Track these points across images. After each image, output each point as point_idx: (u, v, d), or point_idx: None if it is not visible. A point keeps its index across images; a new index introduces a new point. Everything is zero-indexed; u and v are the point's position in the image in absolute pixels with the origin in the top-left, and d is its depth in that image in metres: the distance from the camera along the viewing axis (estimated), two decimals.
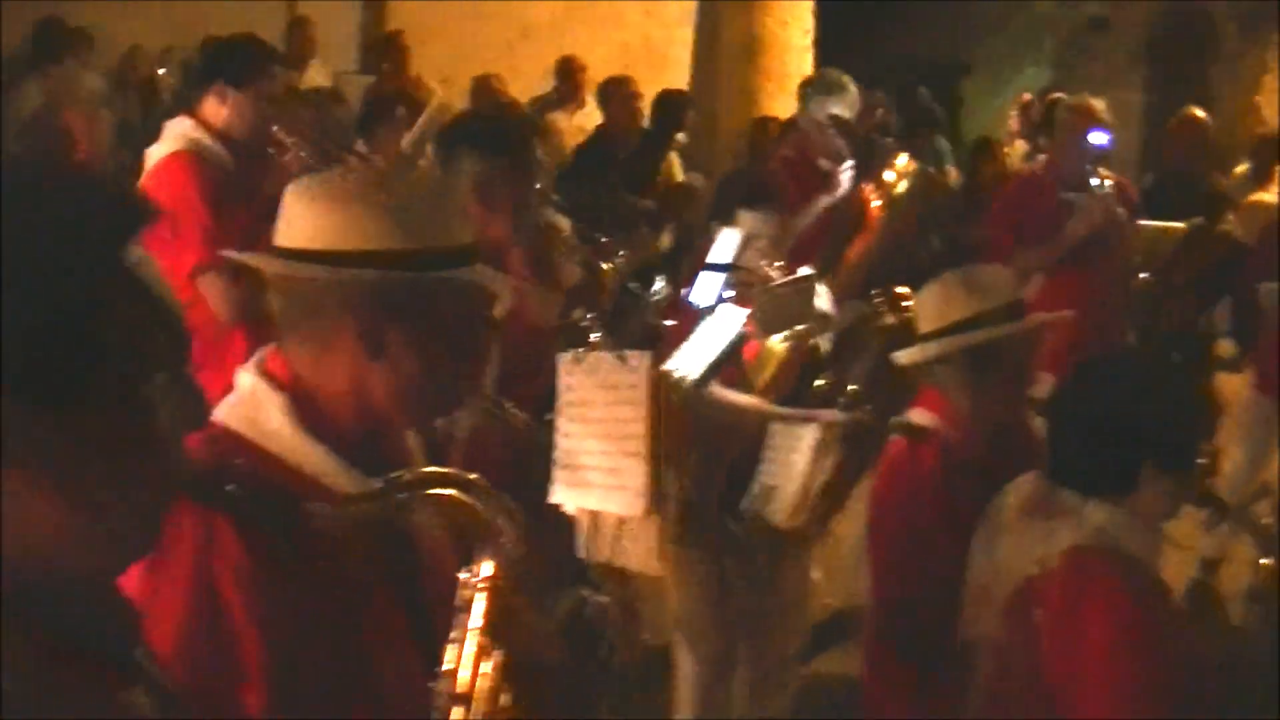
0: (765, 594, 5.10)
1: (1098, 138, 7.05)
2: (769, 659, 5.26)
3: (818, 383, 4.97)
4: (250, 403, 2.18)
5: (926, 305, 4.00)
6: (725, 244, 5.13)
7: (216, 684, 1.96)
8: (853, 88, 7.25)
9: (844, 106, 7.01)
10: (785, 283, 4.81)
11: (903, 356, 4.03)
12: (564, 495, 2.74)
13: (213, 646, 1.98)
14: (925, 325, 3.98)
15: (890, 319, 5.21)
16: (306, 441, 2.14)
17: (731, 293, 4.81)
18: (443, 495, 2.01)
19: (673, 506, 2.90)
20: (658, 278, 5.11)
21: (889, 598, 3.90)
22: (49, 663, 1.41)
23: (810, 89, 7.41)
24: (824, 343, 5.03)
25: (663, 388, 2.83)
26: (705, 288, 4.99)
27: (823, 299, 4.90)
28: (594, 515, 2.68)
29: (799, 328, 4.85)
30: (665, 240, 7.43)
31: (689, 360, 4.59)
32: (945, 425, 3.87)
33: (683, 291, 4.98)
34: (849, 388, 4.94)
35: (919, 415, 3.95)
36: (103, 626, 1.51)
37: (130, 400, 1.44)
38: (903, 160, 5.64)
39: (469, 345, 2.28)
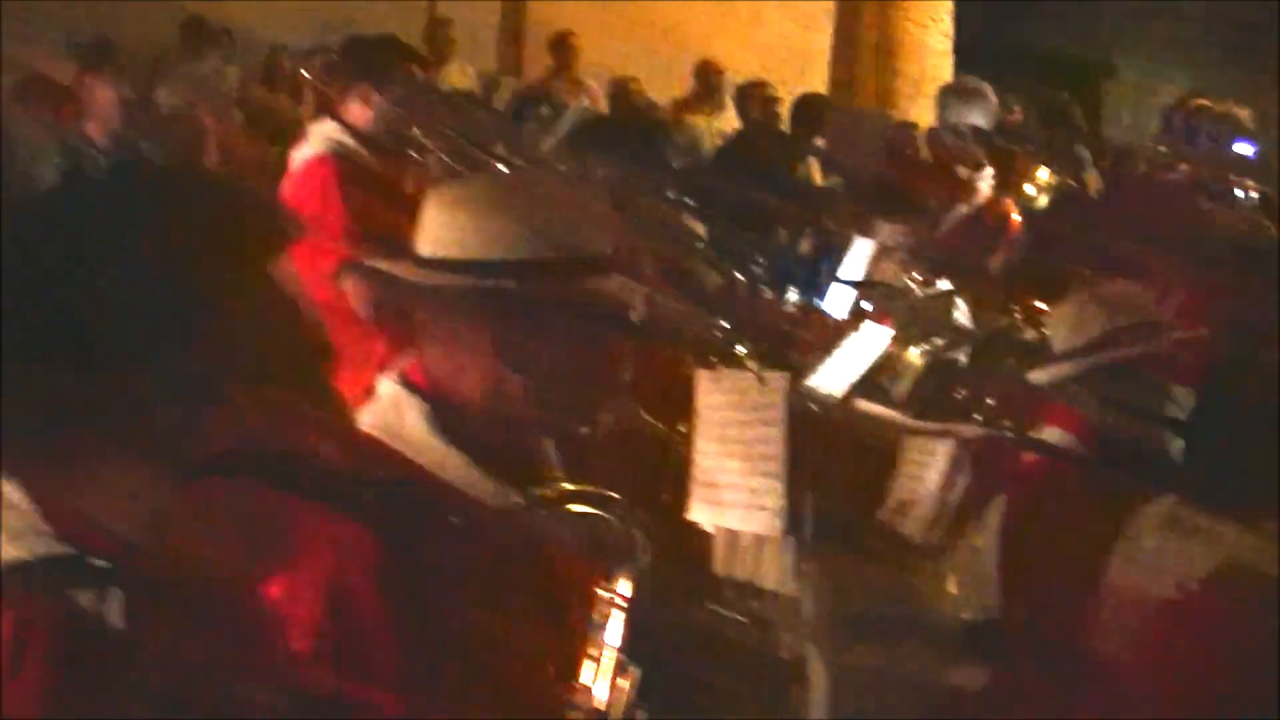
0: (899, 605, 5.09)
1: (1243, 148, 6.93)
2: (902, 671, 5.24)
3: (956, 396, 4.95)
4: (391, 410, 2.22)
5: (1062, 323, 3.98)
6: (859, 255, 5.13)
7: (351, 687, 2.00)
8: (992, 96, 7.19)
9: (983, 115, 6.96)
10: (925, 296, 4.80)
11: (1038, 376, 4.02)
12: (702, 513, 2.76)
13: (348, 650, 2.01)
14: (1061, 344, 3.96)
15: (1029, 334, 5.19)
16: (446, 448, 2.17)
17: (867, 305, 4.81)
18: (580, 511, 2.04)
19: (809, 525, 2.90)
20: (791, 285, 5.11)
21: (1027, 615, 3.87)
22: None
23: (949, 96, 7.37)
24: (962, 356, 4.99)
25: (801, 408, 2.84)
26: (839, 299, 5.00)
27: (961, 312, 4.87)
28: (731, 534, 2.70)
29: (937, 340, 4.84)
30: (804, 245, 7.40)
31: (832, 376, 4.59)
32: (1078, 441, 3.84)
33: (817, 301, 4.98)
34: (986, 402, 4.93)
35: (1052, 433, 3.94)
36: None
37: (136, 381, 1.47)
38: (1044, 174, 5.58)
39: (606, 354, 2.30)
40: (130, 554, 1.45)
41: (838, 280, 5.11)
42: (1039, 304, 5.33)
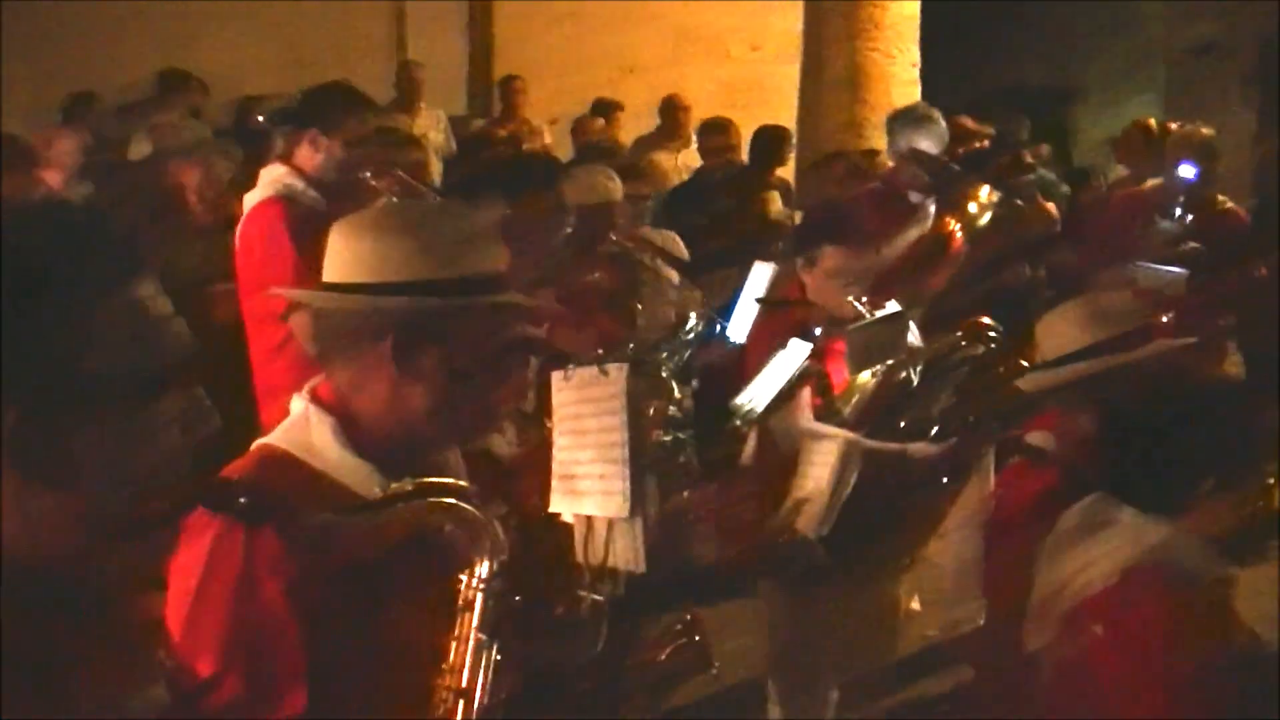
0: (853, 624, 5.15)
1: (1186, 170, 7.03)
2: (862, 690, 5.30)
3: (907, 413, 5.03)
4: (301, 425, 2.36)
5: (1053, 331, 4.03)
6: (759, 278, 5.22)
7: (260, 682, 2.11)
8: (941, 121, 7.26)
9: (931, 140, 7.03)
10: (877, 319, 4.86)
11: (1027, 383, 4.08)
12: (560, 504, 2.89)
13: (257, 646, 2.14)
14: (1051, 351, 4.02)
15: (976, 349, 5.25)
16: (352, 459, 2.31)
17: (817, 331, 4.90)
18: (442, 503, 2.15)
19: (653, 506, 3.02)
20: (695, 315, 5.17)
21: (1002, 615, 3.92)
22: (63, 652, 1.54)
23: (898, 122, 7.44)
24: (913, 374, 5.05)
25: (643, 398, 2.95)
26: (741, 321, 5.10)
27: (912, 332, 4.94)
28: (588, 521, 2.81)
29: (889, 362, 4.91)
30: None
31: (755, 393, 4.69)
32: (1067, 447, 3.91)
33: (718, 326, 5.07)
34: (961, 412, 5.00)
35: (1039, 438, 3.99)
36: (123, 625, 1.64)
37: (129, 418, 1.58)
38: (985, 192, 5.64)
39: (503, 368, 2.42)
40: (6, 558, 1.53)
41: (758, 301, 5.20)
42: (985, 320, 5.41)
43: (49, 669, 1.51)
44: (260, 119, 8.65)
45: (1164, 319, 4.17)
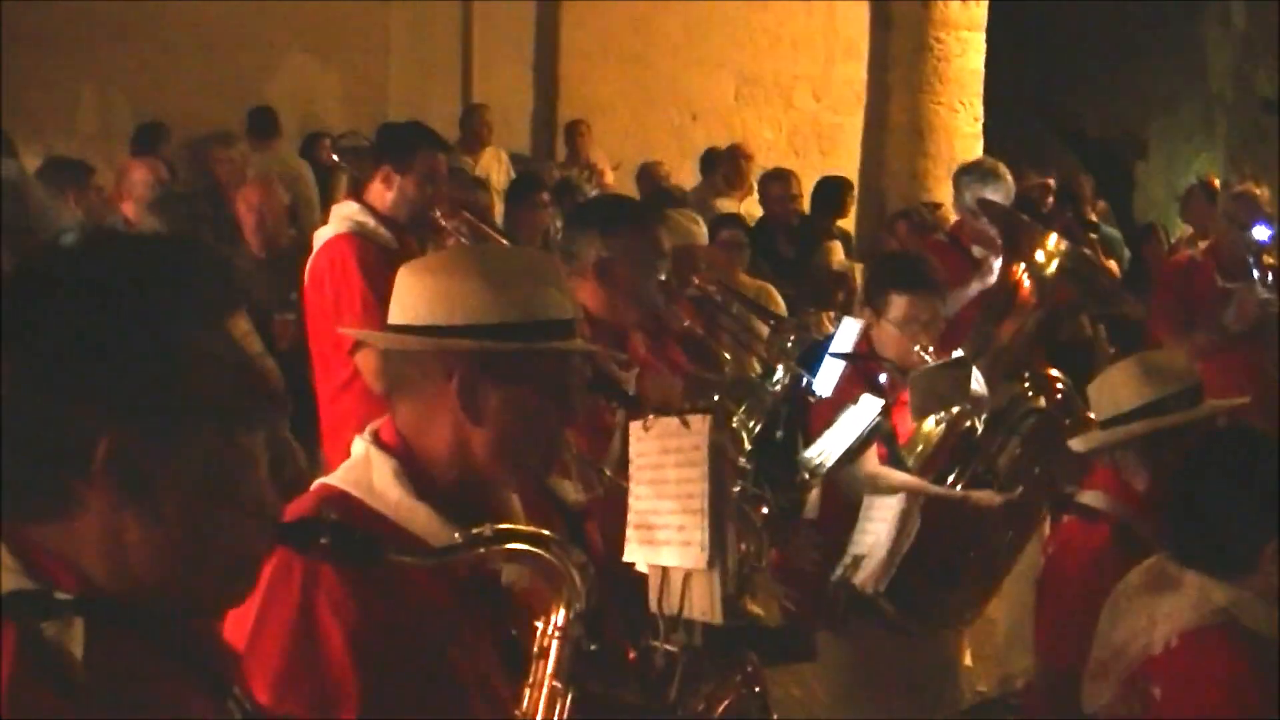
0: (911, 682, 5.12)
1: (1260, 231, 6.96)
2: None
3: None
4: (363, 466, 2.37)
5: (1106, 391, 4.03)
6: (847, 333, 5.21)
7: (316, 715, 2.12)
8: (1008, 176, 7.24)
9: (999, 195, 6.99)
10: (940, 365, 4.85)
11: (1080, 444, 4.10)
12: (636, 554, 2.89)
13: (313, 679, 2.15)
14: (1105, 410, 4.03)
15: (1041, 401, 5.24)
16: (412, 501, 2.32)
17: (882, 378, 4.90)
18: (519, 549, 2.15)
19: (733, 558, 3.02)
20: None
21: (1054, 674, 3.91)
22: (146, 687, 1.56)
23: (965, 176, 7.41)
24: (978, 423, 5.04)
25: (726, 450, 2.96)
26: (827, 375, 5.09)
27: (977, 381, 4.92)
28: (664, 571, 2.82)
29: (953, 410, 4.90)
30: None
31: (827, 446, 4.68)
32: (1120, 506, 3.91)
33: (805, 380, 5.06)
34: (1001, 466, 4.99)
35: (1091, 497, 4.01)
36: (200, 661, 1.66)
37: (227, 449, 1.61)
38: (1053, 240, 5.61)
39: (565, 411, 2.44)
40: (94, 588, 1.55)
41: (833, 355, 5.19)
42: (1052, 372, 5.40)
43: (133, 703, 1.53)
44: (335, 157, 8.72)
45: None
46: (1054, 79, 16.30)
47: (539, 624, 2.17)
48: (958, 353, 5.11)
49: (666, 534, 2.81)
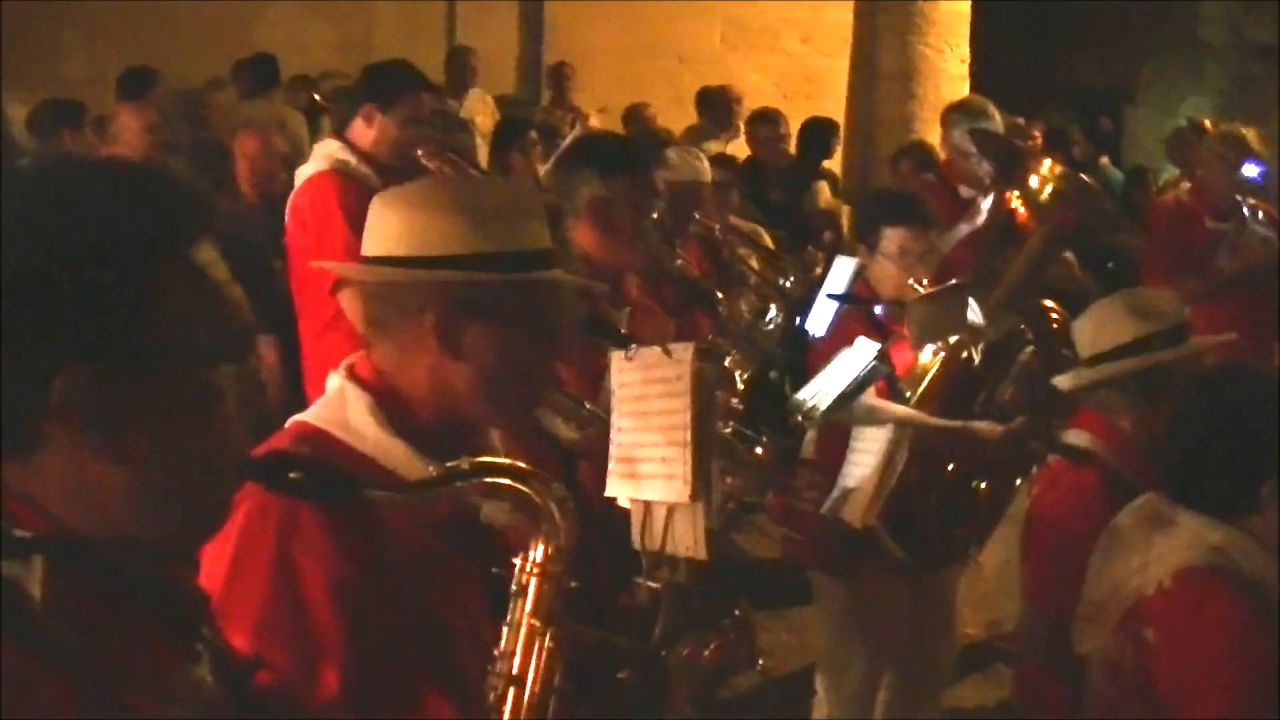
0: (911, 623, 5.09)
1: (1249, 169, 6.91)
2: (912, 688, 5.24)
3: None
4: (338, 403, 2.29)
5: (1090, 329, 3.98)
6: (841, 272, 5.15)
7: (296, 660, 2.05)
8: (996, 115, 7.18)
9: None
10: (938, 292, 4.79)
11: (1065, 381, 4.03)
12: (618, 488, 2.81)
13: (293, 624, 2.08)
14: (1089, 349, 3.97)
15: (1040, 333, 5.17)
16: (389, 438, 2.24)
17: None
18: (499, 483, 2.09)
19: (716, 492, 2.95)
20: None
21: (1043, 618, 3.87)
22: (110, 627, 1.51)
23: (955, 114, 7.35)
24: (975, 354, 4.97)
25: (712, 380, 2.89)
26: (820, 316, 5.02)
27: (974, 310, 4.86)
28: (647, 506, 2.74)
29: (951, 339, 4.85)
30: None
31: (821, 389, 4.62)
32: (1106, 447, 3.87)
33: (798, 320, 4.99)
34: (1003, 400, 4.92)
35: (1078, 436, 3.95)
36: (166, 599, 1.61)
37: (192, 383, 1.55)
38: (1047, 165, 5.49)
39: (549, 346, 2.37)
40: (60, 527, 1.50)
41: (829, 297, 5.12)
42: (1049, 304, 5.33)
43: (95, 644, 1.48)
44: (316, 97, 8.64)
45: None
46: (1045, 25, 16.22)
47: (516, 561, 2.12)
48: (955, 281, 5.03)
49: (649, 467, 2.73)
